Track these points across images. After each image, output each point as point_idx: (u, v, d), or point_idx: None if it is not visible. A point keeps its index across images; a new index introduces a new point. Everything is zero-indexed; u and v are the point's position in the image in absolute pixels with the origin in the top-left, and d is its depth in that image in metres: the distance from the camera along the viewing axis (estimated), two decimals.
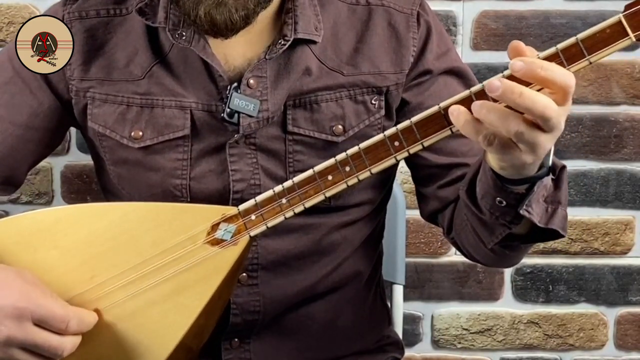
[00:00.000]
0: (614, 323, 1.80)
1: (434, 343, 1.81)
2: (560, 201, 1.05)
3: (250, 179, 1.17)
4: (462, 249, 1.21)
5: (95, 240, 1.06)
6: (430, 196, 1.23)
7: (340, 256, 1.23)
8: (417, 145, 0.96)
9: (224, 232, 1.04)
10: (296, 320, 1.23)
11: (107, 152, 1.21)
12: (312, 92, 1.17)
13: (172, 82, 1.17)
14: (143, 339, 1.05)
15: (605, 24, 0.88)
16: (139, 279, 1.05)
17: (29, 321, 0.99)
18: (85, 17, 1.20)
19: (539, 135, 0.89)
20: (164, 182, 1.18)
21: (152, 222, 1.05)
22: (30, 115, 1.21)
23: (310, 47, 1.17)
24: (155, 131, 1.17)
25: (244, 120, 1.14)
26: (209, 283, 1.04)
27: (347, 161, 0.99)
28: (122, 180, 1.22)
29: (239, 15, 1.08)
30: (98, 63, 1.19)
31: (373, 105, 1.19)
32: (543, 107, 0.86)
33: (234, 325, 1.20)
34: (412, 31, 1.21)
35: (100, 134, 1.20)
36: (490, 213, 1.04)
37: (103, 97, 1.18)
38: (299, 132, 1.17)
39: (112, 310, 1.05)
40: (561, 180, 1.04)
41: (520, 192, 1.00)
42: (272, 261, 1.19)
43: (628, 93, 1.73)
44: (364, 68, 1.19)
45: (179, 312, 1.04)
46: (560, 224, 1.06)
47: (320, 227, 1.20)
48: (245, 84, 1.14)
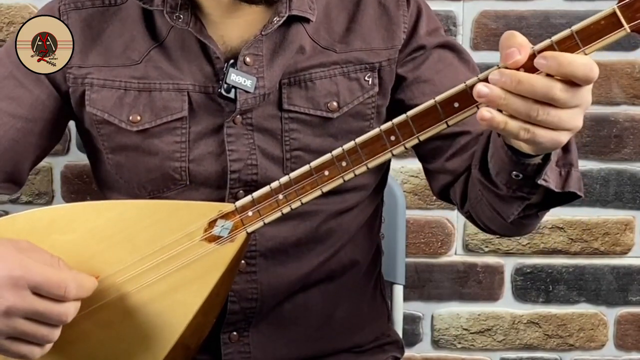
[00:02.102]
0: (614, 323, 1.80)
1: (434, 343, 1.81)
2: (572, 163, 1.05)
3: (247, 159, 1.18)
4: (477, 221, 1.21)
5: (92, 239, 1.05)
6: (440, 171, 1.23)
7: (337, 244, 1.24)
8: (413, 139, 0.96)
9: (221, 228, 1.04)
10: (294, 310, 1.24)
11: (105, 140, 1.21)
12: (306, 70, 1.19)
13: (169, 66, 1.18)
14: (141, 337, 1.05)
15: (600, 16, 0.88)
16: (136, 277, 1.05)
17: (26, 290, 0.97)
18: (81, 8, 1.21)
19: (577, 91, 0.88)
20: (163, 165, 1.19)
21: (148, 220, 1.05)
22: (30, 107, 1.21)
23: (304, 26, 1.19)
24: (153, 114, 1.18)
25: (241, 96, 1.16)
26: (206, 280, 1.04)
27: (343, 156, 0.99)
28: (121, 169, 1.22)
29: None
30: (95, 51, 1.20)
31: (367, 81, 1.21)
32: (548, 87, 0.86)
33: (232, 313, 1.20)
34: (403, 9, 1.23)
35: (98, 120, 1.20)
36: (507, 187, 1.04)
37: (101, 82, 1.20)
38: (295, 109, 1.19)
39: (109, 309, 1.05)
40: (570, 142, 1.03)
41: (536, 163, 1.00)
42: (270, 248, 1.20)
43: (628, 93, 1.73)
44: (356, 45, 1.21)
45: (177, 309, 1.04)
46: (577, 185, 1.06)
47: (318, 214, 1.21)
48: (241, 61, 1.16)
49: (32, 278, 0.97)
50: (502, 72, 0.88)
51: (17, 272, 0.97)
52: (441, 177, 1.24)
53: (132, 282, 1.05)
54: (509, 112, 0.89)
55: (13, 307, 0.97)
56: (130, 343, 1.05)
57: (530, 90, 0.87)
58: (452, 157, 1.21)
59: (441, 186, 1.24)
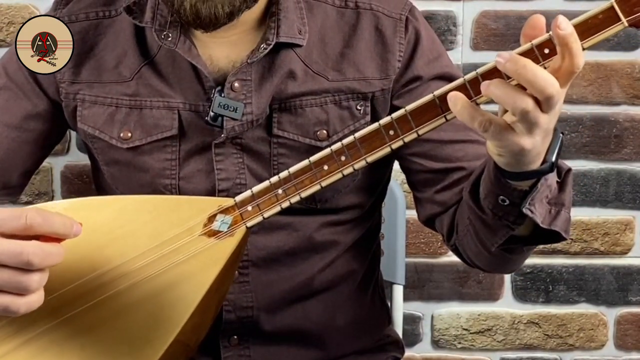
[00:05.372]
0: (614, 323, 1.80)
1: (434, 343, 1.81)
2: (564, 203, 1.04)
3: (235, 178, 1.18)
4: (462, 254, 1.20)
5: (93, 233, 1.05)
6: (428, 200, 1.22)
7: (332, 254, 1.24)
8: (412, 133, 0.96)
9: (221, 223, 1.04)
10: (293, 318, 1.23)
11: (98, 153, 1.22)
12: (297, 97, 1.18)
13: (159, 83, 1.18)
14: (140, 332, 1.05)
15: (598, 10, 0.88)
16: (136, 272, 1.05)
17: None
18: (75, 21, 1.21)
19: (539, 115, 0.88)
20: (154, 182, 1.19)
21: (149, 215, 1.05)
22: (24, 117, 1.22)
23: (295, 51, 1.18)
24: (144, 132, 1.18)
25: (228, 123, 1.15)
26: (206, 275, 1.04)
27: (342, 150, 0.99)
28: (115, 180, 1.23)
29: (224, 11, 1.09)
30: (88, 65, 1.20)
31: (358, 110, 1.19)
32: (544, 82, 0.85)
33: (228, 322, 1.20)
34: (399, 36, 1.20)
35: (90, 135, 1.21)
36: (492, 213, 1.03)
37: (92, 98, 1.20)
38: (284, 135, 1.18)
39: (108, 304, 1.05)
40: (566, 183, 1.04)
41: (523, 190, 0.99)
42: (263, 258, 1.20)
43: (628, 93, 1.73)
44: (349, 74, 1.19)
45: (176, 305, 1.04)
46: (563, 226, 1.05)
47: (309, 224, 1.21)
48: (229, 87, 1.15)
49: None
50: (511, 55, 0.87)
51: None
52: (429, 206, 1.23)
53: (132, 276, 1.05)
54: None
55: None
56: (130, 337, 1.05)
57: (532, 79, 0.86)
58: (442, 189, 1.20)
59: (428, 215, 1.23)
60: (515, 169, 0.97)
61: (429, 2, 1.27)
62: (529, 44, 0.89)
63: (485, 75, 0.91)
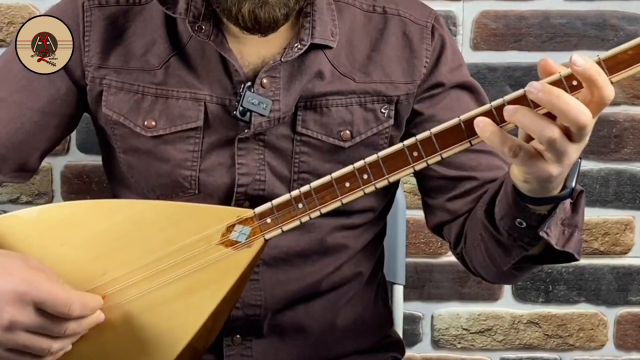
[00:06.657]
0: (614, 323, 1.80)
1: (434, 343, 1.81)
2: (577, 225, 1.06)
3: (255, 174, 1.18)
4: (468, 264, 1.21)
5: (107, 237, 1.06)
6: (438, 208, 1.24)
7: (342, 258, 1.24)
8: (435, 156, 0.96)
9: (239, 234, 1.04)
10: (297, 318, 1.24)
11: (118, 140, 1.22)
12: (323, 96, 1.18)
13: (188, 74, 1.18)
14: (152, 337, 1.05)
15: (627, 46, 0.89)
16: (151, 277, 1.05)
17: (30, 305, 0.98)
18: (105, 5, 1.21)
19: (568, 144, 0.89)
20: (174, 172, 1.19)
21: (166, 221, 1.05)
22: (48, 100, 1.21)
23: (325, 52, 1.18)
24: (168, 121, 1.18)
25: (255, 119, 1.15)
26: (221, 284, 1.04)
27: (364, 169, 0.99)
28: (132, 169, 1.23)
29: (281, 14, 1.10)
30: (116, 51, 1.20)
31: (382, 114, 1.20)
32: (577, 112, 0.86)
33: (235, 319, 1.20)
34: (426, 43, 1.22)
35: (113, 122, 1.20)
36: (508, 234, 1.04)
37: (119, 85, 1.19)
38: (307, 133, 1.18)
39: (122, 308, 1.05)
40: (579, 204, 1.05)
41: (541, 214, 1.00)
42: (274, 257, 1.20)
43: (628, 93, 1.73)
44: (375, 76, 1.20)
45: (189, 312, 1.04)
46: (576, 248, 1.06)
47: (322, 226, 1.21)
48: (259, 84, 1.15)
49: (39, 295, 0.98)
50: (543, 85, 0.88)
51: (22, 288, 0.98)
52: (439, 214, 1.24)
53: (147, 282, 1.05)
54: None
55: (15, 322, 0.98)
56: (142, 343, 1.05)
57: (565, 108, 0.86)
58: (454, 198, 1.21)
59: (437, 222, 1.25)
60: (538, 194, 0.97)
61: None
62: (557, 75, 0.89)
63: (512, 102, 0.91)
